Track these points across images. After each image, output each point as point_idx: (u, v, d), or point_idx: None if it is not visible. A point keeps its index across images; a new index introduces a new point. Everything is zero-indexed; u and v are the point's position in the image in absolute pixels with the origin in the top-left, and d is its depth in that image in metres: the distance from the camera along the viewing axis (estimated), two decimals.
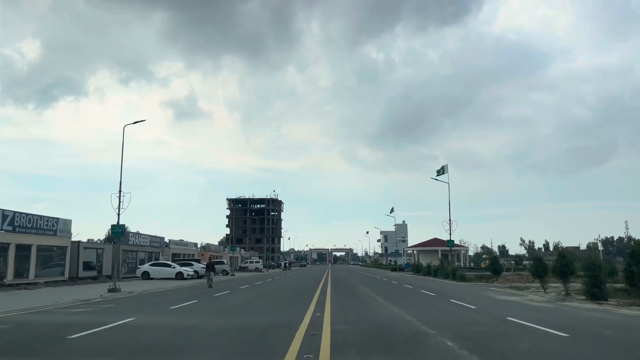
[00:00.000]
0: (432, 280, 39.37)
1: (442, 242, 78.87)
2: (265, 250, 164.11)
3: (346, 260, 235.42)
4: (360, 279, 43.32)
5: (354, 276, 50.71)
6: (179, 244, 58.96)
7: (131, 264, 43.52)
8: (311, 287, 28.58)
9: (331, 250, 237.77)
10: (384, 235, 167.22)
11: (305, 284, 33.58)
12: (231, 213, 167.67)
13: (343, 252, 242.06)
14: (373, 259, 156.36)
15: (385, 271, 72.99)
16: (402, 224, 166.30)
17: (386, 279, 41.88)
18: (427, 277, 45.03)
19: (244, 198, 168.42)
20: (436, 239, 79.64)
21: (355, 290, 25.51)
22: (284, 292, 24.09)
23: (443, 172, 41.08)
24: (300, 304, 16.93)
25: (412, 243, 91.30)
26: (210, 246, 75.07)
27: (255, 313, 14.39)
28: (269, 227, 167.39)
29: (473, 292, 23.48)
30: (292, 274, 61.69)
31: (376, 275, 54.84)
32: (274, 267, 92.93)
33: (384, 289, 26.75)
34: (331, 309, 14.87)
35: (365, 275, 54.76)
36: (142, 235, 47.60)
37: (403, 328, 10.65)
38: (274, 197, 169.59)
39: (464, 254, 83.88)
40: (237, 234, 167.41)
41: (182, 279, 39.04)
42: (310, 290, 25.43)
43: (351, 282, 35.08)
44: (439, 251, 75.20)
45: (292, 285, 31.27)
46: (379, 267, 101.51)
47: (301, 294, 22.42)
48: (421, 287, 28.46)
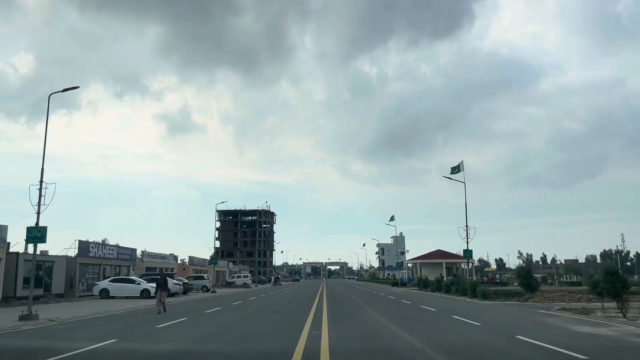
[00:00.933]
0: (448, 298, 32.96)
1: (447, 254, 72.75)
2: (256, 264, 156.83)
3: (341, 274, 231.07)
4: (361, 295, 36.92)
5: (353, 292, 44.27)
6: (155, 256, 52.27)
7: (92, 279, 36.87)
8: (302, 308, 22.24)
9: (325, 264, 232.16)
10: (381, 247, 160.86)
11: (294, 304, 27.13)
12: (221, 225, 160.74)
13: (337, 266, 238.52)
14: (370, 273, 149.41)
15: (385, 286, 66.55)
16: (400, 236, 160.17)
17: (393, 296, 35.44)
18: (438, 294, 38.64)
19: (234, 210, 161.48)
20: (440, 251, 73.40)
21: (361, 315, 19.14)
22: (265, 319, 17.61)
23: (459, 170, 34.98)
24: (285, 339, 10.62)
25: (409, 256, 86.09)
26: (194, 259, 68.33)
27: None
28: (260, 239, 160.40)
29: (526, 319, 17.16)
30: (283, 289, 55.07)
31: (377, 291, 48.36)
32: (265, 282, 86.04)
33: (397, 312, 20.41)
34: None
35: (364, 291, 48.26)
36: (108, 246, 41.09)
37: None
38: (266, 209, 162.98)
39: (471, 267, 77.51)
40: (227, 247, 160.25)
41: (149, 297, 32.46)
42: (300, 314, 19.06)
43: (352, 302, 28.66)
44: (444, 264, 68.93)
45: (278, 306, 24.80)
46: (377, 281, 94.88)
47: (288, 321, 16.10)
48: (444, 308, 22.15)
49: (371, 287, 63.66)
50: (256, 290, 50.88)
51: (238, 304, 26.36)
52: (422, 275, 57.95)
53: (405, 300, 28.90)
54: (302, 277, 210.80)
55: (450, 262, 70.63)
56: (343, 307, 23.80)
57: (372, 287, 60.58)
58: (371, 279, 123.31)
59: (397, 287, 60.88)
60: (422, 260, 71.35)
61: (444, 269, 68.38)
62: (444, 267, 68.57)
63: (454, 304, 25.78)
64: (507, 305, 24.57)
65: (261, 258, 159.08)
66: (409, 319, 17.55)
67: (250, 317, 18.49)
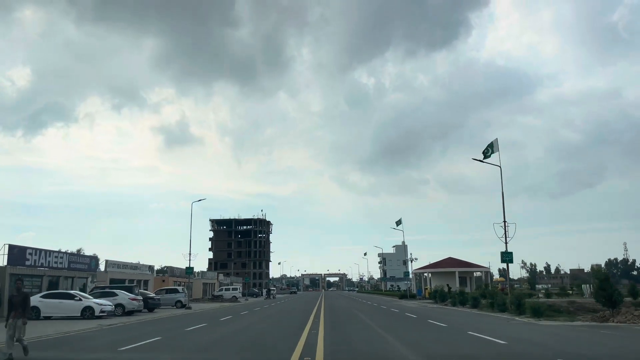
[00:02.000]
0: (485, 315, 25.21)
1: (461, 262, 64.97)
2: (251, 275, 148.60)
3: (340, 285, 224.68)
4: (368, 312, 29.22)
5: (357, 307, 36.44)
6: (123, 266, 44.44)
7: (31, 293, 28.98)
8: (288, 335, 14.56)
9: (324, 276, 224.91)
10: (383, 257, 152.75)
11: (278, 328, 19.33)
12: (214, 235, 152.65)
13: (336, 278, 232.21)
14: (372, 284, 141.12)
15: (392, 299, 58.72)
16: (403, 245, 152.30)
17: (411, 313, 27.65)
18: (464, 309, 30.91)
19: (228, 219, 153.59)
20: (452, 259, 65.57)
21: (381, 349, 11.39)
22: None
23: (492, 151, 29.11)
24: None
25: (414, 266, 78.52)
26: (174, 270, 60.38)
27: None
28: (255, 250, 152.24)
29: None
30: (275, 304, 47.19)
31: (386, 305, 40.50)
32: (257, 295, 77.91)
33: (438, 342, 12.70)
34: None
35: (371, 305, 40.37)
36: (55, 253, 33.27)
37: None
38: (261, 218, 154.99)
39: (485, 275, 69.75)
40: (221, 258, 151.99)
41: (93, 317, 24.76)
42: (283, 346, 11.34)
43: (359, 323, 20.92)
44: (457, 273, 61.07)
45: (249, 334, 17.02)
46: (381, 293, 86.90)
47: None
48: (510, 336, 14.41)
49: (376, 300, 55.76)
50: (241, 306, 42.99)
51: (196, 330, 18.53)
52: (439, 286, 50.08)
53: (434, 321, 21.04)
54: (300, 289, 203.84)
55: (463, 272, 62.81)
56: (348, 333, 16.01)
57: (378, 301, 52.71)
58: (374, 290, 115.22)
59: (406, 299, 53.05)
60: (432, 270, 63.49)
61: (456, 279, 60.61)
62: (457, 276, 60.73)
63: (511, 327, 18.05)
64: (590, 328, 16.85)
65: (256, 269, 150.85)
66: None
67: None
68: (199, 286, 69.39)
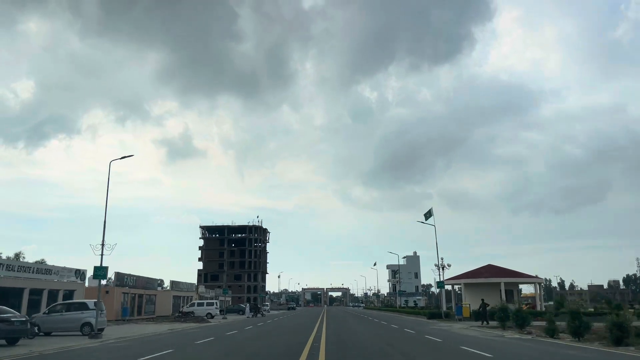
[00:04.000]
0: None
1: (504, 271, 50.27)
2: (246, 289, 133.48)
3: (343, 301, 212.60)
4: (424, 354, 14.72)
5: (388, 339, 21.64)
6: (17, 268, 29.83)
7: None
8: None
9: (327, 290, 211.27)
10: (392, 270, 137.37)
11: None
12: (205, 244, 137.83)
13: (339, 292, 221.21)
14: (382, 300, 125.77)
15: (417, 318, 44.15)
16: (414, 256, 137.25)
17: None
18: (562, 342, 16.35)
19: (220, 226, 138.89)
20: (492, 267, 50.99)
21: None
22: None
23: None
24: None
25: (426, 280, 64.89)
26: (126, 277, 45.54)
27: None
28: (250, 260, 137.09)
29: None
30: (254, 327, 32.60)
31: (421, 330, 25.82)
32: (241, 312, 62.95)
33: None
34: None
35: (402, 333, 25.56)
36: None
37: None
38: (258, 225, 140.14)
39: (536, 288, 54.78)
40: (212, 269, 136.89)
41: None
42: None
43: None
44: (502, 285, 46.42)
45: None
46: (395, 310, 71.86)
47: None
48: None
49: (397, 320, 41.05)
50: (200, 331, 28.30)
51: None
52: (485, 303, 35.41)
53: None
54: (301, 304, 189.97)
55: (510, 283, 48.19)
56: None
57: (400, 321, 38.04)
58: (385, 307, 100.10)
59: (439, 320, 38.43)
60: (466, 280, 48.63)
61: (501, 292, 46.05)
62: (503, 289, 46.08)
63: None
64: None
65: (251, 282, 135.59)
66: None
67: None
68: (167, 300, 54.77)
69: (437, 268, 42.79)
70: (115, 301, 40.20)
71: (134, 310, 44.05)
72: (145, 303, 46.84)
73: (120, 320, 39.44)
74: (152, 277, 49.30)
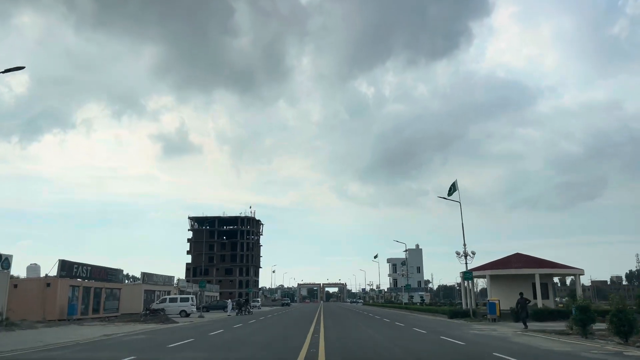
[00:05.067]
0: None
1: (537, 260, 42.32)
2: (237, 284, 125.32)
3: (340, 297, 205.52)
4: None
5: (406, 348, 13.45)
6: None
7: None
8: None
9: (323, 286, 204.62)
10: (393, 264, 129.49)
11: None
12: (193, 236, 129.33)
13: (336, 288, 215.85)
14: (383, 295, 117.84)
15: (436, 317, 36.21)
16: (417, 249, 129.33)
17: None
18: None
19: (210, 217, 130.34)
20: (520, 255, 42.98)
21: None
22: None
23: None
24: None
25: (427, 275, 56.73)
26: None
27: None
28: (243, 253, 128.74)
29: None
30: (227, 334, 24.50)
31: (459, 334, 17.71)
32: (223, 309, 54.61)
33: None
34: None
35: (442, 343, 17.32)
36: None
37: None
38: (250, 216, 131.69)
39: (573, 280, 46.77)
40: (201, 263, 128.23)
41: None
42: None
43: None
44: (536, 276, 38.46)
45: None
46: (400, 307, 63.83)
47: None
48: None
49: (415, 321, 32.95)
50: (141, 340, 20.01)
51: None
52: (524, 298, 27.37)
53: None
54: (297, 300, 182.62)
55: (545, 274, 40.16)
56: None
57: (424, 324, 29.98)
58: (388, 303, 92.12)
59: (467, 320, 30.42)
60: (493, 271, 40.41)
61: (537, 285, 38.23)
62: (538, 281, 38.10)
63: None
64: None
65: (243, 277, 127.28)
66: None
67: None
68: (137, 295, 46.54)
69: (462, 255, 34.65)
70: (60, 296, 31.95)
71: (89, 308, 35.84)
72: (106, 298, 38.60)
73: (65, 320, 31.23)
74: (114, 268, 41.07)
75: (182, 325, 28.11)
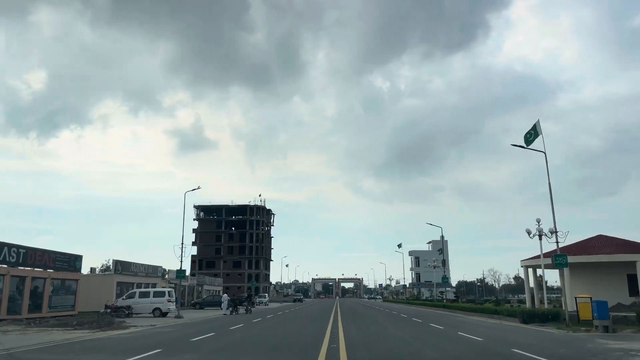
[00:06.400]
0: None
1: (630, 244, 31.75)
2: (246, 277, 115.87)
3: (356, 292, 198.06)
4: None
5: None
6: None
7: None
8: None
9: (339, 281, 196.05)
10: (415, 256, 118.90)
11: None
12: (199, 226, 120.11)
13: (352, 284, 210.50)
14: (410, 292, 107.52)
15: (500, 322, 26.06)
16: (442, 240, 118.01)
17: None
18: None
19: (217, 205, 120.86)
20: (604, 237, 32.48)
21: None
22: None
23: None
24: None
25: None
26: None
27: None
28: (252, 245, 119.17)
29: None
30: (203, 342, 14.45)
31: None
32: (220, 305, 44.89)
33: None
34: None
35: None
36: None
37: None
38: (260, 205, 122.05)
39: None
40: (208, 255, 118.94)
41: None
42: None
43: None
44: (637, 265, 27.93)
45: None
46: (432, 305, 53.46)
47: None
48: None
49: (479, 328, 22.69)
50: None
51: None
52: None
53: None
54: (311, 295, 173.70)
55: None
56: None
57: (489, 331, 19.73)
58: (412, 299, 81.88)
59: (554, 328, 20.15)
60: (573, 259, 29.60)
61: (639, 276, 27.83)
62: (639, 271, 27.55)
63: None
64: None
65: (252, 270, 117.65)
66: None
67: None
68: (106, 288, 37.09)
69: (551, 234, 24.30)
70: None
71: (22, 304, 26.33)
72: (53, 292, 29.10)
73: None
74: (69, 253, 31.47)
75: (123, 336, 18.22)
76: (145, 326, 22.62)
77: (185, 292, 58.63)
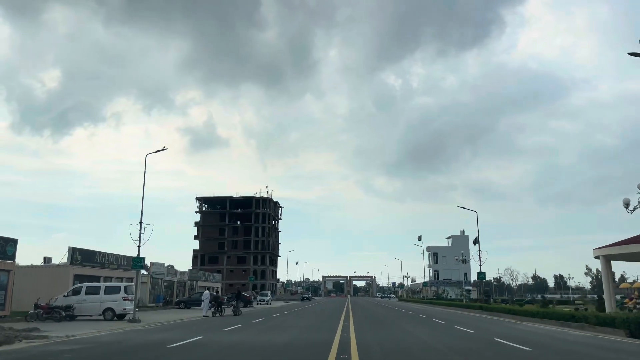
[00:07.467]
0: None
1: None
2: (251, 273, 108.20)
3: (369, 291, 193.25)
4: None
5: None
6: None
7: None
8: None
9: (350, 279, 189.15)
10: (434, 253, 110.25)
11: None
12: (202, 219, 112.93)
13: (364, 282, 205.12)
14: (434, 291, 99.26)
15: (584, 335, 18.00)
16: (462, 236, 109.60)
17: None
18: None
19: (221, 197, 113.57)
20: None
21: None
22: None
23: None
24: None
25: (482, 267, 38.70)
26: None
27: None
28: (257, 239, 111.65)
29: None
30: None
31: None
32: (192, 304, 37.27)
33: None
34: None
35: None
36: None
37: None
38: (266, 197, 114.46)
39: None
40: (211, 250, 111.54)
41: None
42: None
43: None
44: None
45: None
46: (461, 306, 45.21)
47: None
48: None
49: (584, 347, 14.61)
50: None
51: None
52: None
53: None
54: (321, 294, 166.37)
55: None
56: None
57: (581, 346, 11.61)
58: (434, 299, 73.52)
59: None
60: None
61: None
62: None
63: None
64: None
65: (258, 266, 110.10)
66: None
67: None
68: (60, 282, 29.63)
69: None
70: None
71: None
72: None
73: None
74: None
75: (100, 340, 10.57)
76: (61, 338, 14.91)
77: (174, 289, 51.19)
